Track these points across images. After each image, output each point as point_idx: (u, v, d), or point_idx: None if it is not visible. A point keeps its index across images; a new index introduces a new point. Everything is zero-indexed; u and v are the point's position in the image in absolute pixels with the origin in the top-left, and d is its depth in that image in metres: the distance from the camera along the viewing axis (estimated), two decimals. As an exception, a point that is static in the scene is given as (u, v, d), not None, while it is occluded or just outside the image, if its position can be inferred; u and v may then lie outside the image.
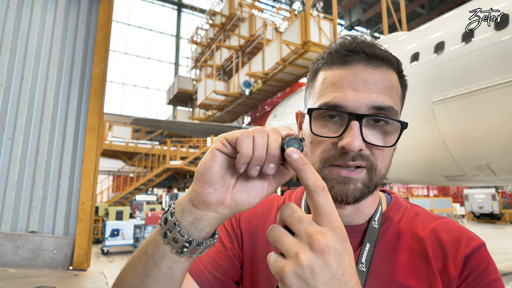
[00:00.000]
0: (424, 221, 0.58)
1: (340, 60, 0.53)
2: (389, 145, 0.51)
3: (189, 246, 0.39)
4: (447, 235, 0.54)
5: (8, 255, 2.05)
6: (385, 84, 0.51)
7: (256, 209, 0.68)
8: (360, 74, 0.51)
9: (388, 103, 0.50)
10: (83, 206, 2.27)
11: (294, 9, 24.49)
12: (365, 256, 0.53)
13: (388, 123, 0.51)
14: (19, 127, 2.28)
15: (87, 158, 2.32)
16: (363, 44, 0.53)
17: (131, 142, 15.44)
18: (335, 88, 0.52)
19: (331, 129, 0.52)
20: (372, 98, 0.50)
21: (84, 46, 2.49)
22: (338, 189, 0.51)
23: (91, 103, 2.38)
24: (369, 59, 0.51)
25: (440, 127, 6.20)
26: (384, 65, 0.52)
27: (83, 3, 2.53)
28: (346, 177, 0.51)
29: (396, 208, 0.61)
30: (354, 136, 0.48)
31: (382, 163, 0.52)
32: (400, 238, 0.55)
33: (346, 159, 0.50)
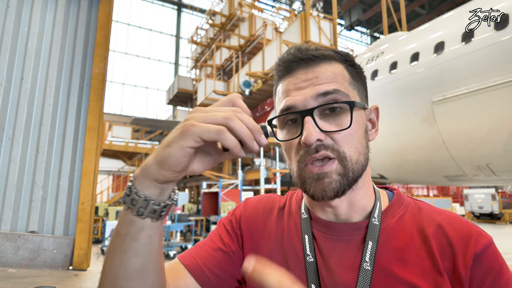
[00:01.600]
0: (428, 216, 0.56)
1: (284, 71, 0.58)
2: (344, 128, 0.52)
3: (165, 208, 0.44)
4: (454, 232, 0.53)
5: (8, 255, 2.04)
6: (326, 75, 0.55)
7: (257, 209, 0.68)
8: (301, 76, 0.56)
9: (332, 87, 0.53)
10: (83, 206, 2.27)
11: (294, 9, 24.48)
12: (368, 254, 0.53)
13: (340, 108, 0.54)
14: (19, 127, 2.28)
15: (87, 158, 2.32)
16: (296, 51, 0.58)
17: (131, 142, 15.44)
18: (285, 94, 0.57)
19: (293, 132, 0.56)
20: (315, 89, 0.53)
21: (84, 46, 2.49)
22: (315, 186, 0.52)
23: (91, 103, 2.38)
24: (306, 61, 0.56)
25: (440, 127, 6.20)
26: (321, 62, 0.56)
27: (83, 3, 2.53)
28: (319, 173, 0.52)
29: (399, 203, 0.60)
30: (308, 129, 0.51)
31: (349, 148, 0.53)
32: (404, 235, 0.54)
33: (310, 152, 0.52)
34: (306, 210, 0.62)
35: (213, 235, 0.67)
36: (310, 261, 0.56)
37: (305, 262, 0.56)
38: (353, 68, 0.59)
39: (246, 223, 0.66)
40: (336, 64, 0.57)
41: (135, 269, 0.46)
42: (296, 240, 0.59)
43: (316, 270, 0.54)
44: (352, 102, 0.53)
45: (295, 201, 0.68)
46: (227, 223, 0.68)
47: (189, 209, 12.42)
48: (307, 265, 0.55)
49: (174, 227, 8.88)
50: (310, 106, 0.53)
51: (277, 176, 11.06)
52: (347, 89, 0.55)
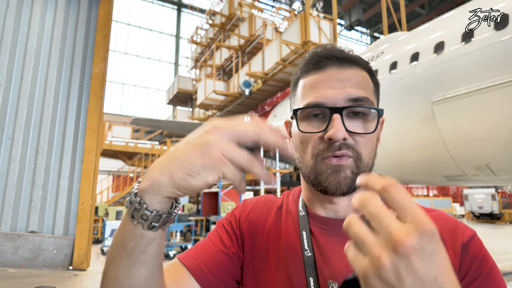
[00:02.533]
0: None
1: (315, 66, 0.60)
2: (369, 132, 0.56)
3: (174, 216, 0.44)
4: (442, 225, 0.57)
5: (8, 255, 2.04)
6: (357, 79, 0.57)
7: (256, 210, 0.70)
8: (334, 75, 0.57)
9: (362, 94, 0.56)
10: (83, 206, 2.27)
11: (294, 9, 24.48)
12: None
13: (366, 113, 0.57)
14: (19, 127, 2.28)
15: (86, 158, 2.32)
16: (333, 49, 0.60)
17: (131, 142, 15.43)
18: (314, 90, 0.58)
19: (316, 126, 0.57)
20: (348, 92, 0.56)
21: (84, 46, 2.49)
22: (331, 179, 0.55)
23: (91, 103, 2.38)
24: (339, 61, 0.58)
25: (440, 127, 6.20)
26: (353, 66, 0.59)
27: (83, 3, 2.53)
28: (337, 165, 0.55)
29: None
30: (337, 126, 0.53)
31: (365, 151, 0.57)
32: None
33: (333, 148, 0.55)
34: (303, 208, 0.65)
35: (213, 236, 0.68)
36: (308, 255, 0.58)
37: (303, 256, 0.58)
38: (374, 78, 0.63)
39: (245, 223, 0.67)
40: (364, 71, 0.60)
41: (143, 279, 0.46)
42: (294, 236, 0.62)
43: (314, 264, 0.57)
44: (382, 110, 0.58)
45: (292, 200, 0.70)
46: (227, 224, 0.69)
47: (189, 209, 12.43)
48: (305, 260, 0.58)
49: (174, 227, 8.88)
50: (340, 105, 0.55)
51: (277, 176, 11.06)
52: (372, 97, 0.59)
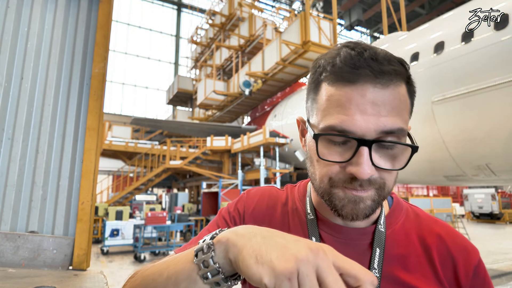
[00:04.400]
0: (427, 225, 0.60)
1: (345, 77, 0.48)
2: (398, 168, 0.50)
3: (227, 283, 0.41)
4: (454, 243, 0.57)
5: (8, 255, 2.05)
6: (394, 104, 0.48)
7: (261, 206, 0.67)
8: (368, 95, 0.47)
9: (397, 125, 0.48)
10: (83, 206, 2.27)
11: (294, 9, 24.48)
12: (376, 261, 0.54)
13: (397, 146, 0.50)
14: (19, 127, 2.28)
15: (86, 158, 2.32)
16: (370, 60, 0.48)
17: (131, 142, 15.43)
18: (342, 110, 0.48)
19: (338, 152, 0.50)
20: (381, 122, 0.47)
21: (84, 46, 2.49)
22: (349, 208, 0.50)
23: (91, 103, 2.38)
24: (376, 76, 0.47)
25: (439, 127, 6.20)
26: (393, 81, 0.48)
27: (83, 3, 2.53)
28: (357, 196, 0.50)
29: (399, 209, 0.62)
30: (364, 164, 0.47)
31: (390, 181, 0.51)
32: (406, 242, 0.57)
33: (355, 184, 0.49)
34: (312, 211, 0.61)
35: (212, 228, 0.64)
36: None
37: None
38: (411, 88, 0.53)
39: (250, 220, 0.65)
40: (402, 85, 0.50)
41: None
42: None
43: None
44: (417, 147, 0.50)
45: (298, 198, 0.67)
46: (229, 217, 0.66)
47: (189, 209, 12.43)
48: None
49: (174, 227, 8.88)
50: (370, 136, 0.47)
51: (277, 176, 11.07)
52: (406, 122, 0.51)
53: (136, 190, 14.13)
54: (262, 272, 0.34)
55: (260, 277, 0.34)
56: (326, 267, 0.33)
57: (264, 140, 10.64)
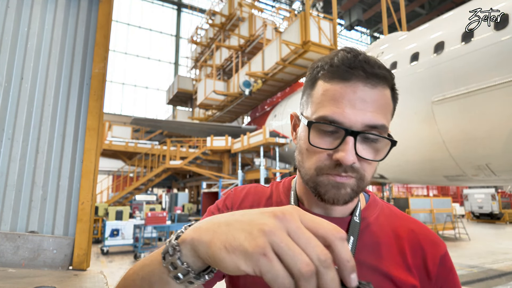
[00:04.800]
0: (401, 220, 0.67)
1: (341, 75, 0.56)
2: (378, 159, 0.57)
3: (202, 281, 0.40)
4: (424, 236, 0.65)
5: (8, 255, 2.05)
6: (380, 102, 0.55)
7: (247, 201, 0.72)
8: (359, 92, 0.54)
9: (381, 122, 0.55)
10: (83, 206, 2.27)
11: (294, 9, 24.48)
12: (350, 247, 0.59)
13: (379, 140, 0.57)
14: (19, 127, 2.28)
15: (86, 158, 2.32)
16: (364, 62, 0.55)
17: (131, 142, 15.43)
18: (334, 103, 0.55)
19: (327, 141, 0.56)
20: (367, 117, 0.54)
21: (84, 46, 2.49)
22: (332, 193, 0.56)
23: (91, 103, 2.38)
24: (367, 77, 0.55)
25: (439, 127, 6.20)
26: (380, 84, 0.56)
27: (83, 3, 2.53)
28: (339, 183, 0.56)
29: (374, 205, 0.69)
30: (348, 151, 0.53)
31: (369, 173, 0.58)
32: (379, 233, 0.64)
33: (339, 170, 0.55)
34: (295, 202, 0.67)
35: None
36: None
37: None
38: (395, 94, 0.60)
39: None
40: (387, 90, 0.57)
41: None
42: None
43: None
44: (395, 141, 0.57)
45: (283, 192, 0.72)
46: (218, 213, 0.67)
47: (189, 209, 12.44)
48: None
49: (174, 227, 8.87)
50: (356, 128, 0.54)
51: (277, 176, 11.07)
52: (388, 121, 0.58)
53: (136, 190, 14.13)
54: (236, 260, 0.32)
55: (236, 266, 0.32)
56: (296, 229, 0.32)
57: (264, 140, 10.63)
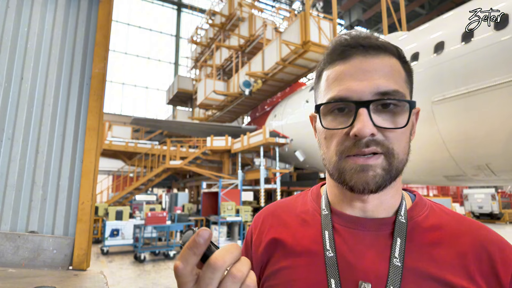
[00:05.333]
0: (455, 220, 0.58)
1: (339, 56, 0.55)
2: (400, 126, 0.52)
3: None
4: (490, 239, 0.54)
5: (8, 255, 2.04)
6: (386, 70, 0.52)
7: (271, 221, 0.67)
8: (359, 65, 0.52)
9: (392, 87, 0.51)
10: (82, 206, 2.27)
11: (294, 9, 24.47)
12: (397, 251, 0.53)
13: (396, 105, 0.52)
14: (19, 127, 2.28)
15: (86, 158, 2.32)
16: (358, 37, 0.55)
17: (131, 142, 15.43)
18: (338, 82, 0.53)
19: (341, 122, 0.53)
20: (375, 84, 0.51)
21: (84, 46, 2.49)
22: (357, 178, 0.51)
23: (91, 103, 2.38)
24: (366, 49, 0.53)
25: (440, 127, 6.20)
26: (381, 53, 0.54)
27: (83, 3, 2.53)
28: (363, 165, 0.51)
29: (422, 204, 0.61)
30: (363, 122, 0.49)
31: (398, 146, 0.52)
32: (431, 234, 0.55)
33: (360, 146, 0.50)
34: (327, 207, 0.61)
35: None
36: (330, 256, 0.54)
37: (325, 257, 0.55)
38: (407, 66, 0.57)
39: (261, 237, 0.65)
40: (393, 58, 0.55)
41: None
42: (316, 236, 0.58)
43: (336, 264, 0.53)
44: (414, 102, 0.53)
45: (311, 198, 0.67)
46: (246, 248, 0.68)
47: (189, 209, 12.43)
48: (327, 260, 0.54)
49: (174, 227, 8.87)
50: (366, 98, 0.51)
51: (277, 176, 11.06)
52: (404, 89, 0.54)
53: (136, 190, 14.13)
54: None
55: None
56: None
57: (264, 140, 10.63)
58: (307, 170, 14.38)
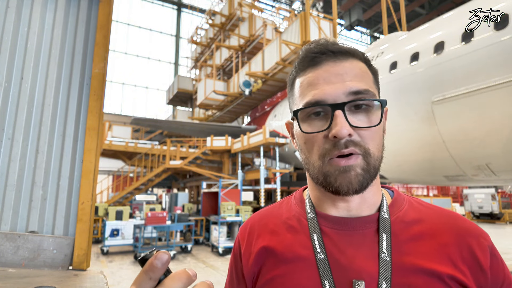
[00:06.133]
0: (433, 211, 0.61)
1: (310, 63, 0.58)
2: (374, 124, 0.55)
3: None
4: (465, 227, 0.58)
5: (8, 255, 2.05)
6: (355, 72, 0.56)
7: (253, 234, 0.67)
8: (331, 70, 0.56)
9: (363, 87, 0.54)
10: (83, 206, 2.27)
11: (294, 9, 24.47)
12: (385, 246, 0.55)
13: (369, 105, 0.55)
14: (19, 127, 2.28)
15: (86, 158, 2.32)
16: (327, 44, 0.58)
17: (131, 142, 15.43)
18: (312, 87, 0.56)
19: (318, 125, 0.56)
20: (347, 86, 0.54)
21: (84, 46, 2.49)
22: (341, 179, 0.53)
23: (91, 103, 2.38)
24: (335, 55, 0.57)
25: (440, 127, 6.20)
26: (350, 57, 0.57)
27: (83, 3, 2.53)
28: (345, 166, 0.53)
29: (401, 199, 0.64)
30: (340, 123, 0.52)
31: (373, 145, 0.55)
32: (413, 227, 0.58)
33: (340, 147, 0.53)
34: (312, 209, 0.63)
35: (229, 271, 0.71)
36: (321, 258, 0.56)
37: (316, 260, 0.56)
38: (372, 68, 0.61)
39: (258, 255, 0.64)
40: (361, 62, 0.58)
41: None
42: (305, 241, 0.59)
43: (328, 266, 0.55)
44: (384, 100, 0.56)
45: (295, 203, 0.68)
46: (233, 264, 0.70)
47: (189, 209, 12.43)
48: (319, 263, 0.55)
49: (174, 227, 8.88)
50: (341, 100, 0.53)
51: (277, 176, 11.06)
52: (373, 89, 0.57)
53: (136, 190, 14.13)
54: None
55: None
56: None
57: (264, 140, 10.63)
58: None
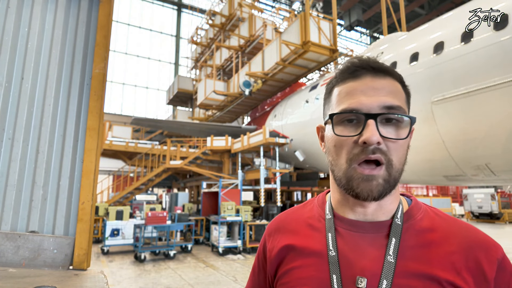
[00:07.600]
0: (447, 222, 0.65)
1: (351, 75, 0.64)
2: (402, 138, 0.60)
3: None
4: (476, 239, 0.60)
5: (8, 254, 2.05)
6: (391, 89, 0.62)
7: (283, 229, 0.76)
8: (369, 84, 0.62)
9: (396, 103, 0.60)
10: (83, 206, 2.27)
11: (294, 9, 24.47)
12: (392, 249, 0.60)
13: (399, 121, 0.61)
14: (19, 127, 2.28)
15: (87, 158, 2.32)
16: (368, 60, 0.64)
17: (131, 142, 15.43)
18: (350, 97, 0.62)
19: (350, 131, 0.61)
20: (382, 100, 0.60)
21: (84, 46, 2.49)
22: (363, 186, 0.59)
23: (91, 103, 2.38)
24: (375, 71, 0.63)
25: (439, 127, 6.20)
26: (388, 76, 0.63)
27: (83, 3, 2.54)
28: (369, 175, 0.58)
29: (417, 208, 0.68)
30: (372, 131, 0.57)
31: (396, 157, 0.60)
32: (423, 235, 0.62)
33: (367, 152, 0.58)
34: (330, 211, 0.69)
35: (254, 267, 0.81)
36: (332, 255, 0.62)
37: (328, 256, 0.63)
38: (406, 89, 0.66)
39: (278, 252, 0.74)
40: (396, 82, 0.64)
41: None
42: (321, 238, 0.67)
43: (337, 262, 0.61)
44: (414, 118, 0.61)
45: (317, 204, 0.76)
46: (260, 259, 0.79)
47: (189, 209, 12.43)
48: (330, 259, 0.62)
49: (174, 227, 8.88)
50: (375, 111, 0.59)
51: (277, 176, 11.07)
52: (405, 107, 0.63)
53: (136, 190, 14.13)
54: None
55: None
56: None
57: (264, 140, 10.64)
58: (307, 170, 14.38)
